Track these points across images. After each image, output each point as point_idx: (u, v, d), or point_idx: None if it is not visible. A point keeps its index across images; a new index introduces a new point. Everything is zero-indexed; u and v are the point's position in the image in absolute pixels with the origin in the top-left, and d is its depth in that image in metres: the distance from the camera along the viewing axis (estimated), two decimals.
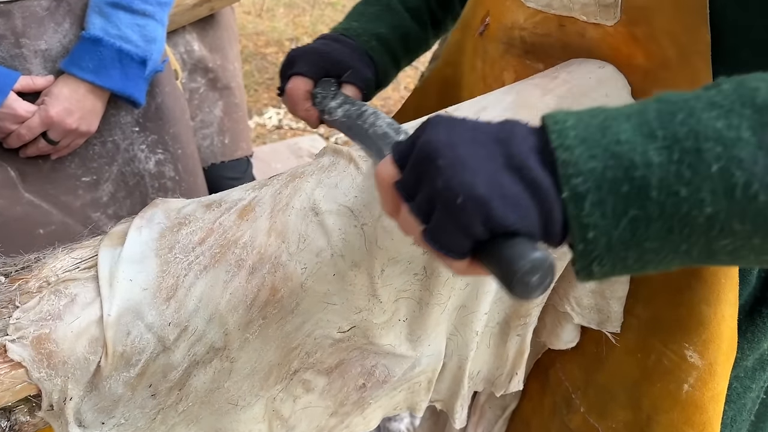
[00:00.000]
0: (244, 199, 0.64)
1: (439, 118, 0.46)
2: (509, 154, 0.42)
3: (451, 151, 0.42)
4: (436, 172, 0.42)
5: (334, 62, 0.84)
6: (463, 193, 0.40)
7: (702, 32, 0.59)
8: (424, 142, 0.44)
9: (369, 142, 0.66)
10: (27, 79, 0.97)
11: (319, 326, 0.64)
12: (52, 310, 0.55)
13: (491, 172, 0.41)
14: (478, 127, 0.45)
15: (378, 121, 0.69)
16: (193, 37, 1.52)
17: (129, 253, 0.59)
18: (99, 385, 0.57)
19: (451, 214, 0.41)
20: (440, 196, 0.42)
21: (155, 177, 1.15)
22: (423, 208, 0.44)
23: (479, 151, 0.42)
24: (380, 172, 0.48)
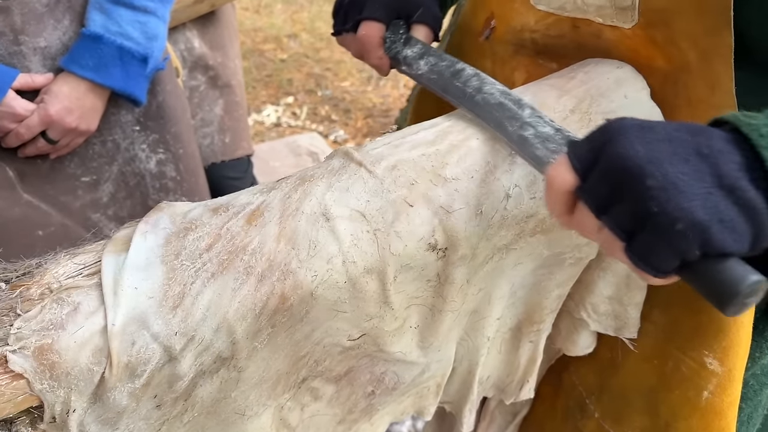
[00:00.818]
0: (252, 203, 0.62)
1: (624, 125, 0.45)
2: (719, 174, 0.42)
3: (658, 170, 0.42)
4: (645, 194, 0.42)
5: (405, 1, 0.78)
6: (682, 219, 0.40)
7: (725, 35, 0.57)
8: (618, 156, 0.43)
9: (484, 113, 0.62)
10: (26, 77, 0.95)
11: (328, 334, 0.62)
12: (55, 320, 0.53)
13: (705, 195, 0.41)
14: (674, 137, 0.44)
15: (485, 86, 0.64)
16: (194, 35, 1.50)
17: (134, 260, 0.57)
18: (103, 397, 0.55)
19: (667, 238, 0.41)
20: (654, 219, 0.41)
21: (156, 177, 1.13)
22: (625, 226, 0.44)
23: (685, 169, 0.42)
24: (555, 176, 0.48)
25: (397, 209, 0.60)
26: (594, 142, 0.46)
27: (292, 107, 3.42)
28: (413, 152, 0.63)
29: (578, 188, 0.47)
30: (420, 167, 0.62)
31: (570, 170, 0.47)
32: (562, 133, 0.57)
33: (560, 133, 0.57)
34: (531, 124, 0.59)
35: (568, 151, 0.48)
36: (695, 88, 0.62)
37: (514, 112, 0.61)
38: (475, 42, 0.88)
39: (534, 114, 0.60)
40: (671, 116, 0.64)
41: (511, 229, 0.62)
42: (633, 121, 0.45)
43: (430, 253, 0.60)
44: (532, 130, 0.58)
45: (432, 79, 0.71)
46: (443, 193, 0.60)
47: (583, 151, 0.46)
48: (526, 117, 0.60)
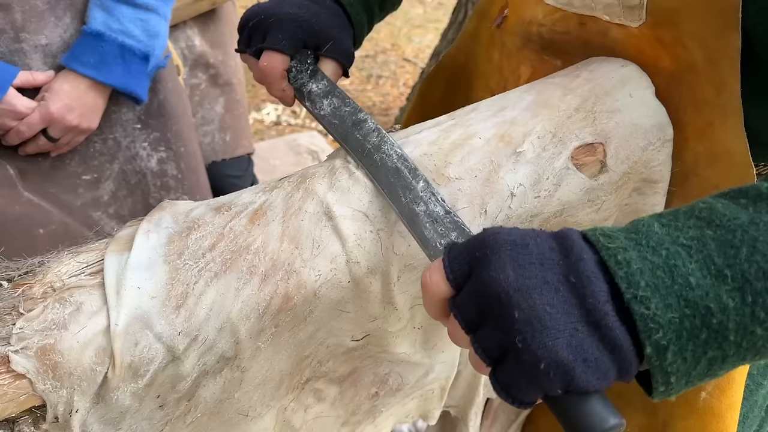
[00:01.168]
0: (254, 202, 0.62)
1: (499, 241, 0.43)
2: (586, 308, 0.41)
3: (526, 300, 0.40)
4: (512, 326, 0.41)
5: (314, 33, 0.73)
6: (546, 358, 0.39)
7: (733, 37, 0.57)
8: (488, 279, 0.42)
9: (380, 175, 0.61)
10: (27, 75, 0.95)
11: (332, 334, 0.62)
12: (57, 320, 0.53)
13: (571, 331, 0.40)
14: (546, 259, 0.43)
15: (384, 146, 0.62)
16: (194, 32, 1.49)
17: (136, 259, 0.56)
18: (106, 397, 0.55)
19: (529, 375, 0.40)
20: (518, 354, 0.40)
21: (157, 175, 1.13)
22: (490, 352, 0.42)
23: (554, 300, 0.41)
24: (429, 282, 0.46)
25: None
26: (470, 253, 0.44)
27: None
28: (416, 151, 0.63)
29: (451, 300, 0.45)
30: (422, 167, 0.61)
31: (444, 279, 0.45)
32: (452, 217, 0.56)
33: (449, 216, 0.56)
34: (423, 199, 0.57)
35: (444, 257, 0.46)
36: (701, 89, 0.62)
37: (408, 182, 0.59)
38: (489, 29, 0.88)
39: (428, 188, 0.58)
40: (676, 116, 0.64)
41: None
42: (509, 236, 0.44)
43: None
44: (424, 207, 0.57)
45: (333, 124, 0.68)
46: (446, 192, 0.60)
47: (457, 262, 0.45)
48: (419, 190, 0.58)
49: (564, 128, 0.63)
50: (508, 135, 0.63)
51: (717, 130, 0.61)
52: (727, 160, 0.61)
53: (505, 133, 0.63)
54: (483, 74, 0.88)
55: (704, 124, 0.62)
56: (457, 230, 0.55)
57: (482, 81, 0.89)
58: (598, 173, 0.63)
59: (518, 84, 0.77)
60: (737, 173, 0.61)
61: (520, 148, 0.62)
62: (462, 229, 0.55)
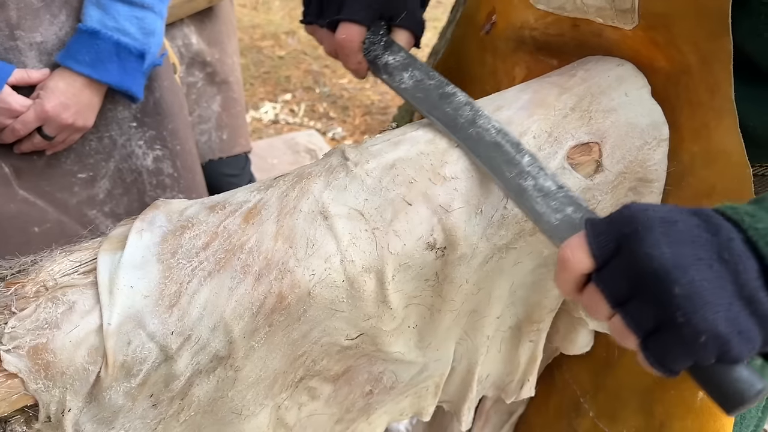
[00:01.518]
0: (249, 201, 0.61)
1: (649, 218, 0.44)
2: (740, 283, 0.43)
3: (684, 277, 0.42)
4: (672, 302, 0.42)
5: (390, 3, 0.72)
6: (706, 331, 0.41)
7: (724, 41, 0.57)
8: (644, 256, 0.43)
9: (478, 149, 0.59)
10: (22, 73, 0.94)
11: (326, 333, 0.62)
12: (50, 319, 0.52)
13: (727, 306, 0.42)
14: (696, 237, 0.44)
15: (479, 119, 0.60)
16: (191, 30, 1.49)
17: (129, 258, 0.56)
18: (98, 396, 0.54)
19: (688, 347, 0.42)
20: (677, 328, 0.42)
21: (153, 174, 1.13)
22: (644, 325, 0.44)
23: (709, 276, 0.42)
24: (571, 257, 0.47)
25: (396, 208, 0.59)
26: (617, 230, 0.45)
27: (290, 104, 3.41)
28: (412, 150, 0.62)
29: (595, 275, 0.46)
30: (419, 165, 0.61)
31: (587, 254, 0.46)
32: (565, 192, 0.55)
33: (562, 190, 0.55)
34: (531, 174, 0.56)
35: (587, 232, 0.47)
36: (696, 91, 0.62)
37: (511, 156, 0.58)
38: (478, 35, 0.87)
39: (534, 162, 0.57)
40: (672, 116, 0.64)
41: (511, 229, 0.62)
42: (657, 213, 0.45)
43: (428, 252, 0.60)
44: (532, 182, 0.56)
45: (418, 98, 0.66)
46: (442, 192, 0.60)
47: (603, 238, 0.46)
48: (525, 164, 0.57)
49: (560, 128, 0.63)
50: None
51: (712, 131, 0.61)
52: (724, 161, 0.61)
53: None
54: (476, 78, 0.88)
55: (700, 125, 0.62)
56: (573, 205, 0.54)
57: (476, 85, 0.89)
58: (594, 173, 0.63)
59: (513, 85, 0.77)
60: (734, 173, 0.60)
61: None
62: (578, 204, 0.54)
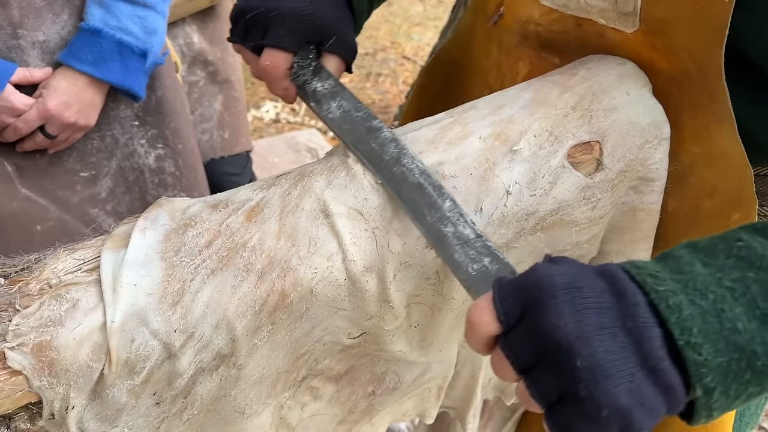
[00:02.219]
0: (251, 199, 0.62)
1: (554, 285, 0.43)
2: (643, 353, 0.42)
3: (587, 349, 0.41)
4: (574, 374, 0.41)
5: (318, 27, 0.69)
6: (608, 405, 0.40)
7: (716, 54, 0.57)
8: (546, 325, 0.42)
9: (401, 190, 0.58)
10: (24, 71, 0.95)
11: (328, 332, 0.62)
12: (53, 316, 0.53)
13: (629, 377, 0.41)
14: (602, 303, 0.43)
15: (404, 158, 0.59)
16: (193, 29, 1.49)
17: (133, 256, 0.56)
18: (102, 394, 0.55)
19: (590, 421, 0.41)
20: (579, 401, 0.41)
21: (155, 172, 1.13)
22: (547, 396, 0.43)
23: (613, 347, 0.42)
24: (478, 321, 0.46)
25: (396, 207, 0.59)
26: (522, 295, 0.45)
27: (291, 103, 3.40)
28: (413, 149, 0.63)
29: (501, 339, 0.45)
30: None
31: (494, 318, 0.45)
32: (483, 241, 0.54)
33: (481, 240, 0.54)
34: (451, 220, 0.56)
35: (494, 295, 0.46)
36: (698, 94, 0.62)
37: (433, 200, 0.57)
38: (485, 25, 0.87)
39: (454, 208, 0.56)
40: (675, 116, 0.64)
41: (511, 227, 0.62)
42: (563, 278, 0.44)
43: (429, 250, 0.60)
44: (452, 228, 0.55)
45: (344, 129, 0.65)
46: None
47: (509, 303, 0.45)
48: (446, 210, 0.56)
49: (560, 126, 0.63)
50: (505, 133, 0.63)
51: (713, 133, 0.61)
52: (725, 162, 0.61)
53: (502, 131, 0.63)
54: (481, 69, 0.88)
55: (701, 127, 0.62)
56: (490, 255, 0.53)
57: (480, 76, 0.89)
58: (594, 171, 0.63)
59: (516, 80, 0.77)
60: (734, 174, 0.61)
61: (516, 146, 0.62)
62: (495, 255, 0.53)
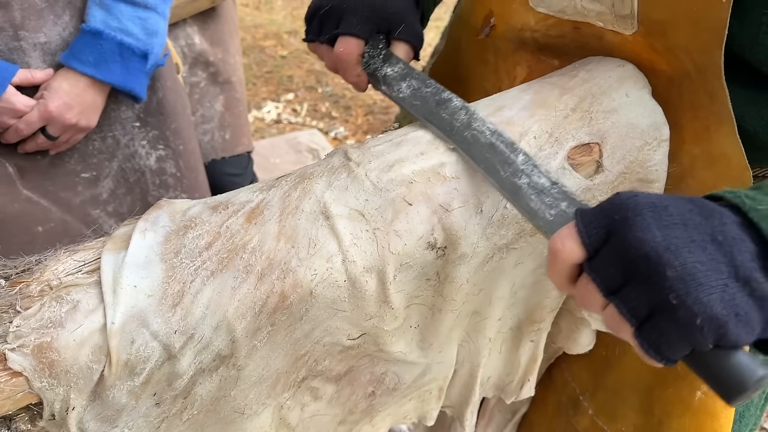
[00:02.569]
0: (251, 201, 0.62)
1: (639, 204, 0.43)
2: (735, 264, 0.42)
3: (677, 259, 0.41)
4: (665, 284, 0.41)
5: (387, 16, 0.73)
6: (702, 313, 0.40)
7: (715, 55, 0.57)
8: (635, 240, 0.42)
9: (474, 151, 0.59)
10: (26, 73, 0.95)
11: (328, 333, 0.62)
12: (54, 318, 0.53)
13: (722, 287, 0.41)
14: (688, 220, 0.43)
15: (474, 122, 0.60)
16: (194, 30, 1.49)
17: (133, 258, 0.56)
18: (102, 395, 0.55)
19: (683, 331, 0.41)
20: (672, 311, 0.41)
21: (156, 173, 1.13)
22: (637, 311, 0.43)
23: (703, 258, 0.41)
24: (561, 248, 0.46)
25: (396, 208, 0.60)
26: (606, 217, 0.45)
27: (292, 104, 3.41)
28: (413, 150, 0.63)
29: (586, 264, 0.45)
30: (419, 165, 0.61)
31: (578, 244, 0.45)
32: (559, 188, 0.55)
33: (556, 186, 0.55)
34: (525, 172, 0.57)
35: (577, 221, 0.46)
36: (697, 95, 0.62)
37: (506, 156, 0.58)
38: (474, 37, 0.87)
39: (528, 161, 0.57)
40: (675, 117, 0.64)
41: (512, 228, 0.62)
42: (647, 198, 0.44)
43: (429, 251, 0.60)
44: (527, 179, 0.56)
45: (415, 105, 0.67)
46: (442, 192, 0.60)
47: (593, 226, 0.45)
48: (519, 163, 0.57)
49: (560, 128, 0.63)
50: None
51: (713, 134, 0.61)
52: (724, 163, 0.61)
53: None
54: (478, 76, 0.88)
55: (701, 128, 0.62)
56: (567, 200, 0.54)
57: (477, 82, 0.89)
58: (594, 173, 0.63)
59: (514, 84, 0.77)
60: (734, 176, 0.61)
61: None
62: (572, 199, 0.54)
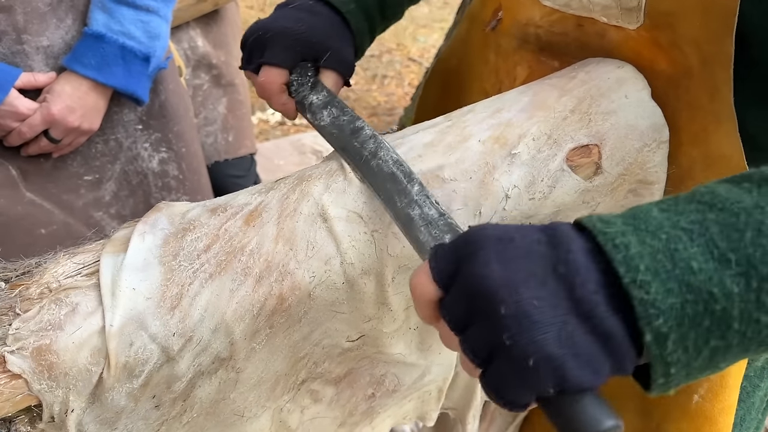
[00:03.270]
0: (250, 203, 0.62)
1: (484, 236, 0.42)
2: (575, 299, 0.39)
3: (511, 296, 0.39)
4: (498, 323, 0.39)
5: (312, 45, 0.73)
6: (534, 353, 0.38)
7: (726, 43, 0.57)
8: (473, 275, 0.41)
9: (377, 181, 0.60)
10: (28, 76, 0.96)
11: (327, 335, 0.62)
12: (53, 320, 0.53)
13: (560, 325, 0.38)
14: (533, 252, 0.41)
15: (380, 151, 0.61)
16: (197, 33, 1.50)
17: (132, 261, 0.57)
18: (101, 397, 0.55)
19: (519, 374, 0.39)
20: (506, 352, 0.39)
21: (159, 176, 1.14)
22: (479, 352, 0.41)
23: (542, 293, 0.39)
24: (417, 285, 0.45)
25: None
26: (456, 252, 0.43)
27: None
28: (411, 153, 0.63)
29: (440, 302, 0.44)
30: (417, 168, 0.61)
31: (431, 281, 0.44)
32: (446, 219, 0.55)
33: (443, 218, 0.55)
34: (418, 203, 0.57)
35: (430, 258, 0.45)
36: (696, 94, 0.62)
37: (403, 186, 0.58)
38: (482, 32, 0.87)
39: (422, 192, 0.57)
40: (672, 119, 0.64)
41: None
42: (495, 231, 0.42)
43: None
44: (419, 210, 0.56)
45: (332, 134, 0.67)
46: (441, 194, 0.60)
47: (444, 262, 0.44)
48: (414, 194, 0.57)
49: (559, 130, 0.63)
50: (504, 137, 0.63)
51: (711, 135, 0.61)
52: (723, 165, 0.61)
53: (501, 134, 0.63)
54: (478, 76, 0.88)
55: (699, 129, 0.62)
56: (452, 232, 0.54)
57: (477, 83, 0.89)
58: (593, 175, 0.63)
59: (514, 85, 0.77)
60: None
61: (515, 149, 0.62)
62: (456, 231, 0.54)
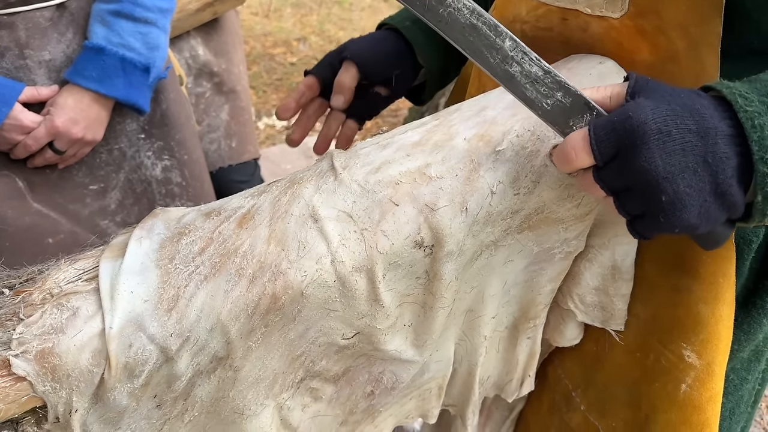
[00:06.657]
0: (243, 207, 0.64)
1: (645, 133, 0.50)
2: (717, 182, 0.50)
3: (671, 186, 0.50)
4: (658, 206, 0.51)
5: None
6: (680, 226, 0.52)
7: (715, 23, 0.58)
8: (639, 167, 0.50)
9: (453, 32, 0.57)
10: (32, 90, 0.98)
11: (322, 333, 0.64)
12: (55, 324, 0.55)
13: (702, 203, 0.51)
14: (686, 143, 0.50)
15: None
16: (198, 42, 1.52)
17: (129, 265, 0.59)
18: (104, 397, 0.57)
19: (664, 231, 0.53)
20: (657, 221, 0.52)
21: (162, 183, 1.16)
22: (632, 212, 0.54)
23: (692, 181, 0.50)
24: (575, 158, 0.54)
25: (383, 209, 0.61)
26: (618, 138, 0.52)
27: None
28: (399, 152, 0.64)
29: (596, 173, 0.54)
30: (405, 167, 0.63)
31: (589, 153, 0.53)
32: (552, 77, 0.56)
33: (550, 75, 0.56)
34: (515, 59, 0.56)
35: (591, 136, 0.52)
36: (681, 79, 0.62)
37: (492, 40, 0.56)
38: None
39: (517, 47, 0.56)
40: None
41: (497, 225, 0.64)
42: (654, 121, 0.50)
43: (417, 250, 0.62)
44: (518, 68, 0.56)
45: None
46: (428, 192, 0.62)
47: (605, 145, 0.52)
48: (508, 49, 0.56)
49: (542, 126, 0.64)
50: (488, 134, 0.64)
51: None
52: None
53: (485, 132, 0.64)
54: (477, 74, 0.90)
55: None
56: (562, 90, 0.57)
57: (476, 81, 0.91)
58: None
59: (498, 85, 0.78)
60: None
61: (500, 146, 0.63)
62: (567, 88, 0.57)
